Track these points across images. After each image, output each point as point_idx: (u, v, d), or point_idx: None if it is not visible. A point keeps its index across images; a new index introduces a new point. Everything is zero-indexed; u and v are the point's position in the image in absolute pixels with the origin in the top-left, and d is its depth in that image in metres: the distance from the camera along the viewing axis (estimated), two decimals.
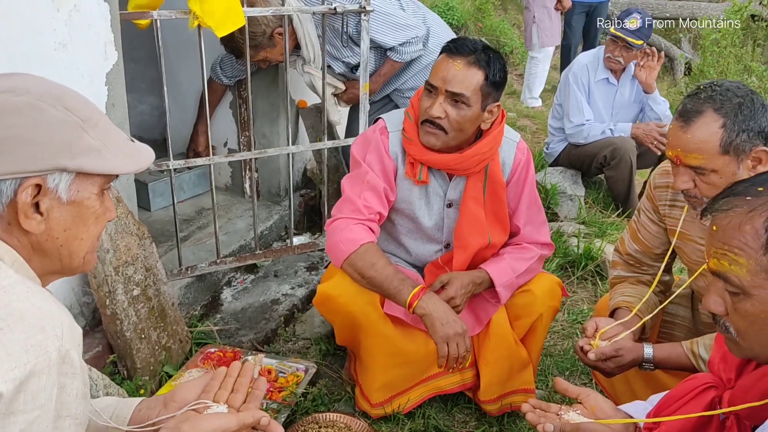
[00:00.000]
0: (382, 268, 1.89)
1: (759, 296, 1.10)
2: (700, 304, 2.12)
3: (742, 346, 1.18)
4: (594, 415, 1.50)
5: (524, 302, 2.13)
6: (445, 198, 2.09)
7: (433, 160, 1.99)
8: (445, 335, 1.85)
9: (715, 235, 1.15)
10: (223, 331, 2.52)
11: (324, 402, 2.24)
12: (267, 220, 3.17)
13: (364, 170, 1.99)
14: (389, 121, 2.05)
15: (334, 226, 1.95)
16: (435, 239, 2.16)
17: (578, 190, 4.02)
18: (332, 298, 2.03)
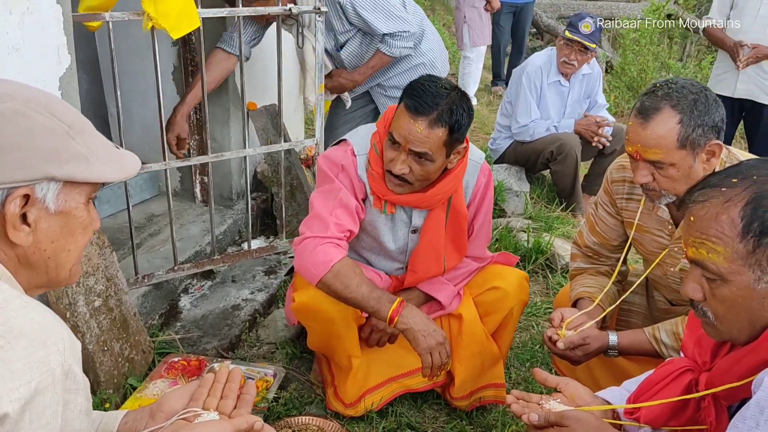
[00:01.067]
0: (356, 287, 1.89)
1: (736, 282, 1.17)
2: (656, 291, 2.23)
3: (720, 330, 1.25)
4: (574, 402, 1.55)
5: (495, 298, 2.19)
6: (410, 225, 2.12)
7: (395, 199, 2.01)
8: (428, 346, 1.88)
9: (693, 225, 1.22)
10: (186, 339, 2.47)
11: (295, 405, 2.23)
12: (221, 224, 3.12)
13: (338, 186, 1.98)
14: (356, 144, 2.03)
15: (303, 247, 1.93)
16: (398, 260, 2.20)
17: (524, 186, 4.14)
18: (311, 306, 2.02)
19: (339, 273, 1.89)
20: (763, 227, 1.13)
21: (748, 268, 1.15)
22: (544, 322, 2.95)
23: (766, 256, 1.13)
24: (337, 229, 1.94)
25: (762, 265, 1.14)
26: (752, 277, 1.15)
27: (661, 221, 2.00)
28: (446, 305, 2.16)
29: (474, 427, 2.24)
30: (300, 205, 3.32)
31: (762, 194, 1.15)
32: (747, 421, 1.12)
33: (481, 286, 2.23)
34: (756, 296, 1.16)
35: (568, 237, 3.71)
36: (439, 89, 1.85)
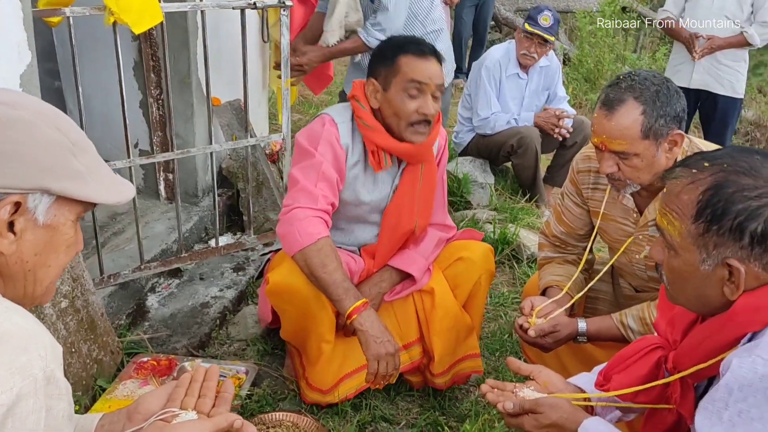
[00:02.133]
0: (332, 271, 1.91)
1: (683, 257, 1.24)
2: (621, 279, 2.28)
3: (673, 295, 1.33)
4: (547, 389, 1.59)
5: (461, 270, 2.24)
6: (392, 183, 2.16)
7: (398, 147, 2.06)
8: (377, 353, 1.90)
9: (664, 196, 1.29)
10: (155, 338, 2.44)
11: (269, 402, 2.22)
12: (187, 222, 3.07)
13: (318, 160, 2.01)
14: (334, 114, 2.09)
15: (292, 215, 1.95)
16: (375, 223, 2.23)
17: (488, 178, 4.18)
18: (286, 286, 2.02)
19: (322, 249, 1.92)
20: (714, 215, 1.18)
21: (696, 248, 1.21)
22: (512, 312, 2.99)
23: (712, 242, 1.19)
24: (325, 201, 2.00)
25: (708, 249, 1.20)
26: (698, 257, 1.21)
27: (626, 210, 2.05)
28: (418, 279, 2.19)
29: (447, 417, 2.26)
30: (266, 200, 3.30)
31: (723, 183, 1.19)
32: (716, 403, 1.16)
33: (448, 259, 2.28)
34: (699, 275, 1.23)
35: (533, 227, 3.77)
36: (420, 38, 2.11)
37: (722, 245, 1.18)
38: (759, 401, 1.10)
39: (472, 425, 2.07)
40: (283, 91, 2.78)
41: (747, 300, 1.20)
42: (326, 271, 1.91)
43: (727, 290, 1.20)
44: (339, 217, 2.19)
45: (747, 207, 1.16)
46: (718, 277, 1.20)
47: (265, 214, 3.28)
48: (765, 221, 1.15)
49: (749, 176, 1.19)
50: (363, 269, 2.19)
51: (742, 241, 1.16)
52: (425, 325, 2.22)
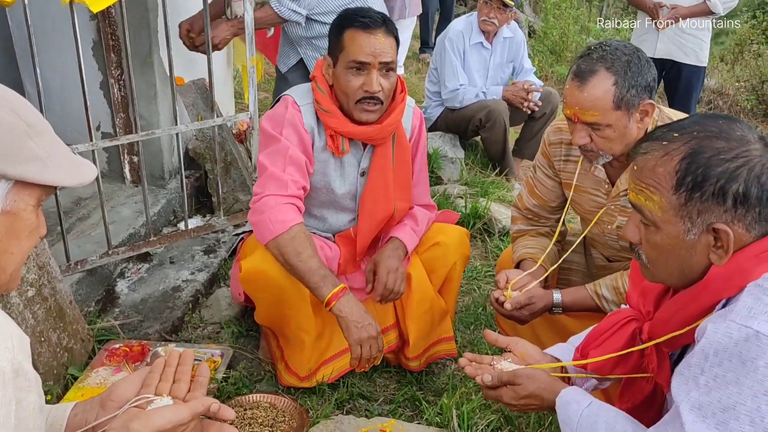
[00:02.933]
0: (307, 258, 1.88)
1: (666, 230, 1.24)
2: (593, 249, 2.30)
3: (653, 272, 1.33)
4: (524, 361, 1.60)
5: (437, 254, 2.22)
6: (359, 167, 2.11)
7: (355, 131, 2.01)
8: (359, 338, 1.87)
9: (635, 173, 1.28)
10: (126, 325, 2.39)
11: (245, 384, 2.20)
12: (154, 205, 3.01)
13: (285, 145, 1.96)
14: (297, 96, 2.04)
15: (263, 203, 1.91)
16: (348, 209, 2.18)
17: (458, 152, 4.18)
18: (261, 273, 1.98)
19: (296, 237, 1.88)
20: (695, 182, 1.18)
21: (679, 219, 1.21)
22: (486, 285, 3.01)
23: (696, 209, 1.19)
24: (295, 186, 1.95)
25: (692, 217, 1.20)
26: (682, 227, 1.21)
27: (598, 181, 2.05)
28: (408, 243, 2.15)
29: (424, 392, 2.27)
30: (235, 181, 3.25)
31: (698, 150, 1.19)
32: (692, 368, 1.18)
33: (424, 243, 2.26)
34: (684, 245, 1.23)
35: (504, 201, 3.79)
36: (370, 9, 2.01)
37: (706, 211, 1.18)
38: (734, 365, 1.12)
39: (449, 399, 2.08)
40: (248, 69, 2.72)
41: (720, 268, 1.21)
42: (301, 258, 1.87)
43: (714, 257, 1.21)
44: (311, 203, 2.15)
45: (726, 169, 1.16)
46: (704, 244, 1.21)
47: (235, 195, 3.23)
48: (745, 181, 1.16)
49: (722, 139, 1.20)
50: (339, 256, 2.16)
51: (725, 204, 1.17)
52: (401, 309, 2.21)
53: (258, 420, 2.03)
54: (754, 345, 1.10)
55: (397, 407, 2.18)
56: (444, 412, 2.05)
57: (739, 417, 1.11)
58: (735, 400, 1.11)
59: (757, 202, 1.17)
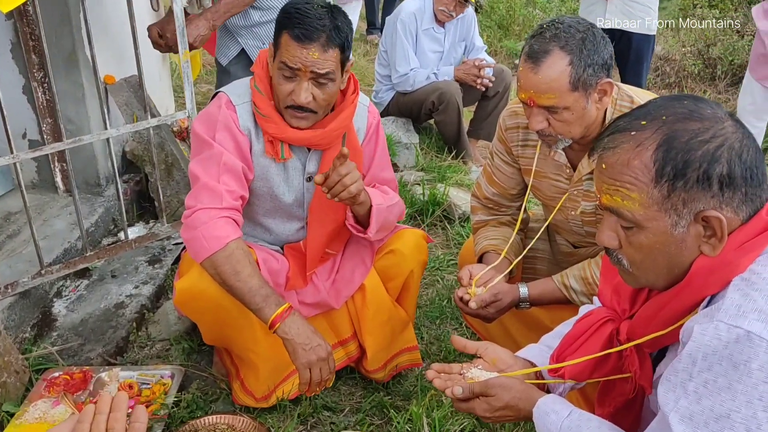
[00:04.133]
0: (246, 278, 1.71)
1: (652, 228, 1.12)
2: (558, 236, 2.21)
3: (638, 277, 1.21)
4: (495, 367, 1.49)
5: (393, 262, 2.08)
6: (304, 172, 1.94)
7: (295, 137, 1.83)
8: (307, 362, 1.71)
9: (605, 173, 1.15)
10: (65, 350, 2.21)
11: (200, 406, 2.04)
12: (90, 215, 2.81)
13: (218, 150, 1.78)
14: (233, 94, 1.84)
15: (195, 218, 1.73)
16: (296, 216, 2.02)
17: (413, 137, 4.05)
18: (198, 294, 1.81)
19: (233, 255, 1.71)
20: (677, 170, 1.07)
21: (664, 213, 1.10)
22: (449, 276, 2.90)
23: (681, 199, 1.08)
24: (231, 197, 1.77)
25: (678, 209, 1.09)
26: (669, 222, 1.10)
27: (559, 165, 1.95)
28: (375, 204, 1.90)
29: (392, 397, 2.16)
30: (179, 183, 3.06)
31: (673, 135, 1.09)
32: (680, 374, 1.08)
33: (379, 251, 2.10)
34: (673, 241, 1.12)
35: (462, 185, 3.68)
36: (318, 10, 1.75)
37: (692, 200, 1.07)
38: (725, 369, 1.02)
39: (419, 406, 1.97)
40: (182, 65, 2.53)
41: (702, 262, 1.11)
42: (240, 278, 1.70)
43: (707, 247, 1.10)
44: (256, 211, 1.98)
45: (707, 151, 1.06)
46: (693, 237, 1.10)
47: (179, 198, 3.04)
48: (728, 161, 1.06)
49: (694, 120, 1.09)
50: (287, 269, 2.01)
51: (711, 189, 1.06)
52: (357, 323, 2.07)
53: None
54: (745, 346, 1.00)
55: (364, 416, 2.06)
56: (414, 420, 1.93)
57: (733, 426, 1.02)
58: (729, 408, 1.02)
59: (742, 182, 1.07)
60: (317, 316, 2.07)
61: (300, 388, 1.77)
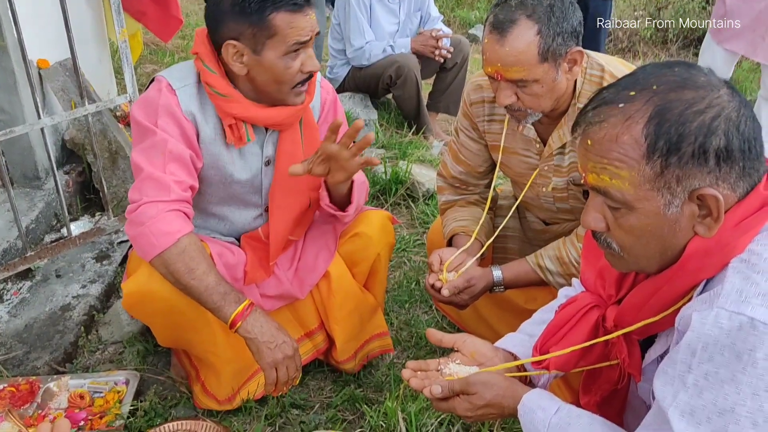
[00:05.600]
0: (202, 275, 1.57)
1: (644, 209, 1.03)
2: (528, 213, 2.12)
3: (628, 261, 1.12)
4: (474, 360, 1.40)
5: (359, 246, 1.96)
6: (262, 155, 1.80)
7: (263, 116, 1.69)
8: (273, 361, 1.60)
9: (591, 149, 1.05)
10: (9, 360, 2.04)
11: (159, 412, 1.91)
12: (30, 210, 2.62)
13: (162, 138, 1.61)
14: (171, 78, 1.67)
15: (141, 213, 1.57)
16: (253, 203, 1.87)
17: (371, 113, 3.91)
18: (148, 295, 1.66)
19: (185, 251, 1.57)
20: (670, 144, 0.98)
21: (656, 192, 1.01)
22: (416, 258, 2.80)
23: (675, 176, 0.99)
24: (180, 187, 1.62)
25: (671, 187, 0.99)
26: (662, 202, 1.01)
27: (528, 140, 1.86)
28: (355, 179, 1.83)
29: (364, 390, 2.06)
30: (125, 172, 2.87)
31: (665, 106, 0.99)
32: (678, 366, 1.00)
33: (343, 234, 1.99)
34: (667, 222, 1.03)
35: (424, 161, 3.57)
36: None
37: (687, 177, 0.98)
38: (727, 360, 0.94)
39: (392, 399, 1.87)
40: (120, 46, 2.34)
41: (697, 243, 1.03)
42: (195, 276, 1.57)
43: (702, 228, 1.01)
44: (208, 200, 1.83)
45: (703, 122, 0.96)
46: (688, 216, 1.01)
47: (126, 188, 2.85)
48: (725, 133, 0.97)
49: (688, 88, 0.99)
50: (244, 262, 1.87)
51: (708, 165, 0.97)
52: (323, 312, 1.96)
53: None
54: (749, 334, 0.92)
55: (336, 412, 1.96)
56: (389, 415, 1.84)
57: (738, 420, 0.94)
58: (733, 401, 0.94)
59: (740, 155, 0.98)
60: (281, 309, 1.94)
61: (266, 388, 1.65)
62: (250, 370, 1.89)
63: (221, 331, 1.78)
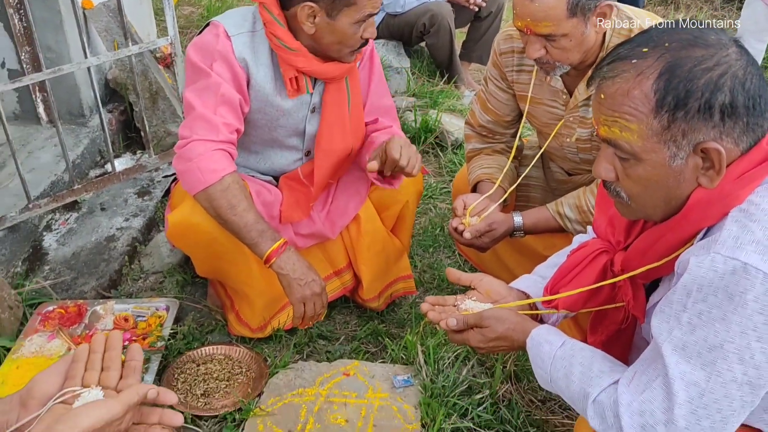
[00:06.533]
0: (242, 212, 1.69)
1: (651, 160, 1.09)
2: (552, 163, 2.18)
3: (635, 209, 1.19)
4: (490, 298, 1.49)
5: (388, 193, 2.05)
6: (310, 103, 1.89)
7: (323, 69, 1.79)
8: (302, 296, 1.73)
9: (604, 103, 1.12)
10: (58, 284, 2.20)
11: (196, 337, 2.06)
12: (76, 146, 2.75)
13: (216, 81, 1.71)
14: (229, 24, 1.75)
15: (190, 149, 1.68)
16: (294, 147, 1.97)
17: (404, 61, 3.95)
18: (191, 227, 1.79)
19: (228, 189, 1.69)
20: (678, 100, 1.04)
21: (663, 145, 1.07)
22: (441, 204, 2.89)
23: (681, 130, 1.05)
24: (227, 129, 1.73)
25: (677, 140, 1.06)
26: (667, 154, 1.08)
27: (555, 91, 1.91)
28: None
29: (387, 325, 2.18)
30: (164, 112, 2.98)
31: (675, 63, 1.05)
32: (674, 306, 1.08)
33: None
34: (672, 173, 1.09)
35: (454, 111, 3.62)
36: None
37: (692, 131, 1.04)
38: (720, 301, 1.02)
39: (413, 334, 1.99)
40: None
41: (700, 194, 1.09)
42: (236, 212, 1.68)
43: (705, 179, 1.08)
44: (252, 141, 1.93)
45: (710, 79, 1.02)
46: (692, 168, 1.08)
47: (165, 128, 2.97)
48: (731, 90, 1.02)
49: (699, 47, 1.05)
50: (280, 201, 1.98)
51: (713, 119, 1.03)
52: (352, 253, 2.07)
53: (213, 375, 1.92)
54: (742, 278, 1.00)
55: (359, 345, 2.09)
56: (409, 348, 1.96)
57: (726, 356, 1.02)
58: (722, 338, 1.03)
59: (744, 111, 1.04)
60: (312, 247, 2.06)
61: (294, 321, 1.79)
62: (281, 302, 2.02)
63: (256, 265, 1.90)
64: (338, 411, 1.76)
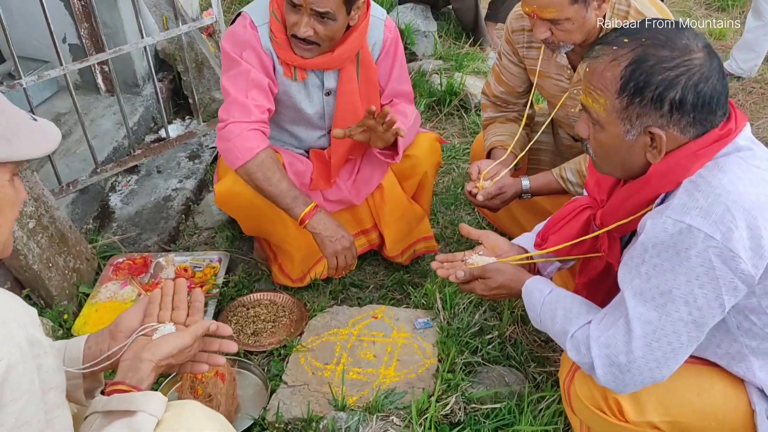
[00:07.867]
0: (276, 182, 1.95)
1: (609, 130, 1.35)
2: (560, 129, 2.40)
3: (599, 165, 1.46)
4: (494, 252, 1.76)
5: (409, 165, 2.29)
6: (323, 88, 2.13)
7: (304, 63, 2.01)
8: (334, 251, 2.00)
9: (587, 76, 1.37)
10: (126, 239, 2.53)
11: (245, 285, 2.38)
12: (133, 114, 3.05)
13: (246, 68, 1.97)
14: (255, 15, 2.00)
15: (229, 130, 1.95)
16: (318, 126, 2.23)
17: (431, 25, 4.12)
18: (234, 196, 2.08)
19: (263, 163, 1.95)
20: (637, 88, 1.27)
21: (620, 121, 1.32)
22: (463, 165, 3.13)
23: (635, 113, 1.29)
24: (259, 110, 1.98)
25: (632, 120, 1.30)
26: (623, 129, 1.32)
27: (560, 66, 2.11)
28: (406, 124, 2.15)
29: (411, 275, 2.46)
30: (209, 80, 3.26)
31: (643, 57, 1.27)
32: (635, 259, 1.33)
33: None
34: (625, 145, 1.34)
35: (479, 73, 3.80)
36: None
37: (644, 115, 1.28)
38: (670, 256, 1.26)
39: (432, 283, 2.27)
40: None
41: (659, 165, 1.33)
42: (271, 183, 1.95)
43: (650, 156, 1.32)
44: (282, 119, 2.20)
45: (666, 77, 1.25)
46: (641, 144, 1.32)
47: (210, 95, 3.25)
48: (682, 89, 1.25)
49: (666, 48, 1.27)
50: (311, 170, 2.24)
51: (662, 110, 1.26)
52: (377, 216, 2.32)
53: (261, 317, 2.23)
54: (686, 237, 1.24)
55: (386, 292, 2.38)
56: (429, 295, 2.24)
57: (674, 300, 1.27)
58: (671, 285, 1.27)
59: (692, 108, 1.26)
60: (341, 211, 2.32)
61: (328, 272, 2.08)
62: (317, 256, 2.31)
63: (293, 226, 2.18)
64: (368, 348, 2.05)
